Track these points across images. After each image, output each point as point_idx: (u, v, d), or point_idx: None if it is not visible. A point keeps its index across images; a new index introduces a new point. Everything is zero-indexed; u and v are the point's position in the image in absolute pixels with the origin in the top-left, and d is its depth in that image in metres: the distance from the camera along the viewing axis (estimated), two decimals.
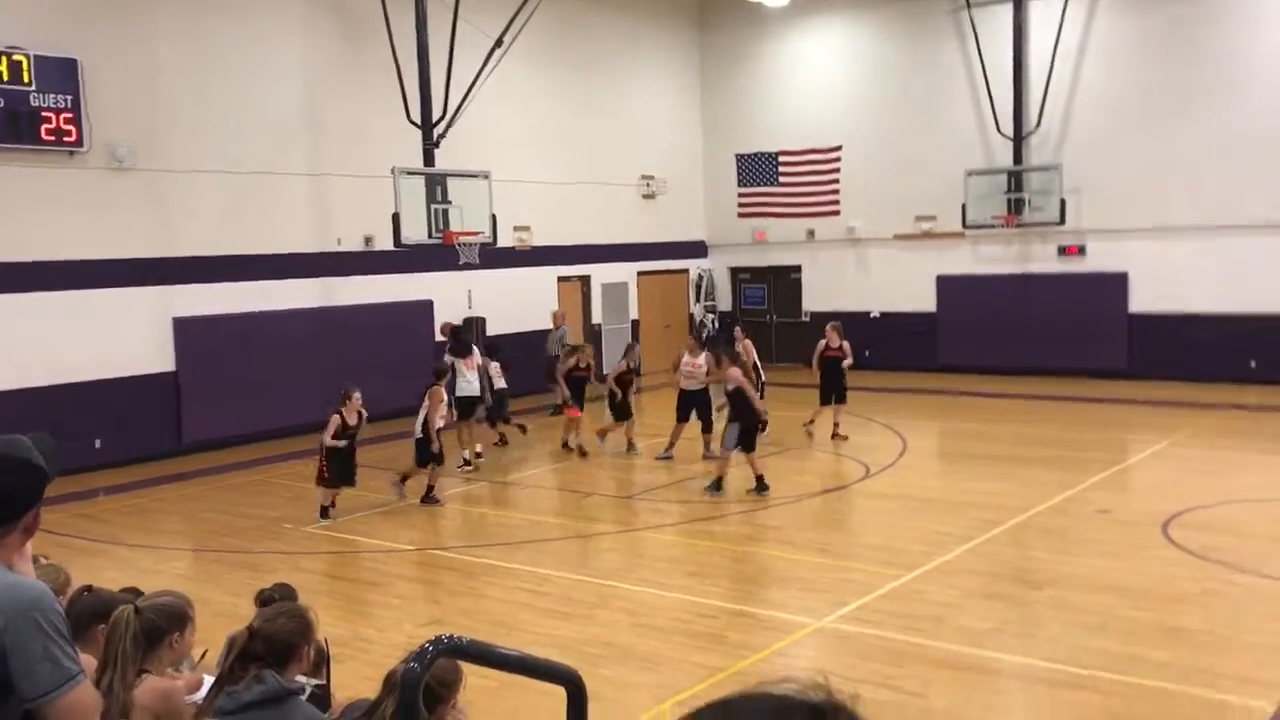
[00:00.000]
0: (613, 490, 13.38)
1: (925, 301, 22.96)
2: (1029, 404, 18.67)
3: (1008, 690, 7.21)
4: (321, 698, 4.27)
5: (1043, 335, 21.35)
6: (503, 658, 2.32)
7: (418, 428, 12.50)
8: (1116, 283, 20.85)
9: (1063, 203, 20.80)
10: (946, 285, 22.72)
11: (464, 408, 14.63)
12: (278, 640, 3.61)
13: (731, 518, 11.70)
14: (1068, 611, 8.50)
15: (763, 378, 15.37)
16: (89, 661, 3.37)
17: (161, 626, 3.89)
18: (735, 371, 12.41)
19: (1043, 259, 21.74)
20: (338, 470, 11.86)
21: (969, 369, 21.71)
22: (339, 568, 10.28)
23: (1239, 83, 19.35)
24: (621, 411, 15.27)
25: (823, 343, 15.86)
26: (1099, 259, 21.05)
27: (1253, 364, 19.39)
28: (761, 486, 12.24)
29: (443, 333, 15.24)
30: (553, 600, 9.20)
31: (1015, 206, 21.32)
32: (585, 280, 23.01)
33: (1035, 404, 18.62)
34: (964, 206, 21.64)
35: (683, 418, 14.55)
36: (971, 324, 22.14)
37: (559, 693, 3.69)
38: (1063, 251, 21.44)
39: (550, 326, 20.05)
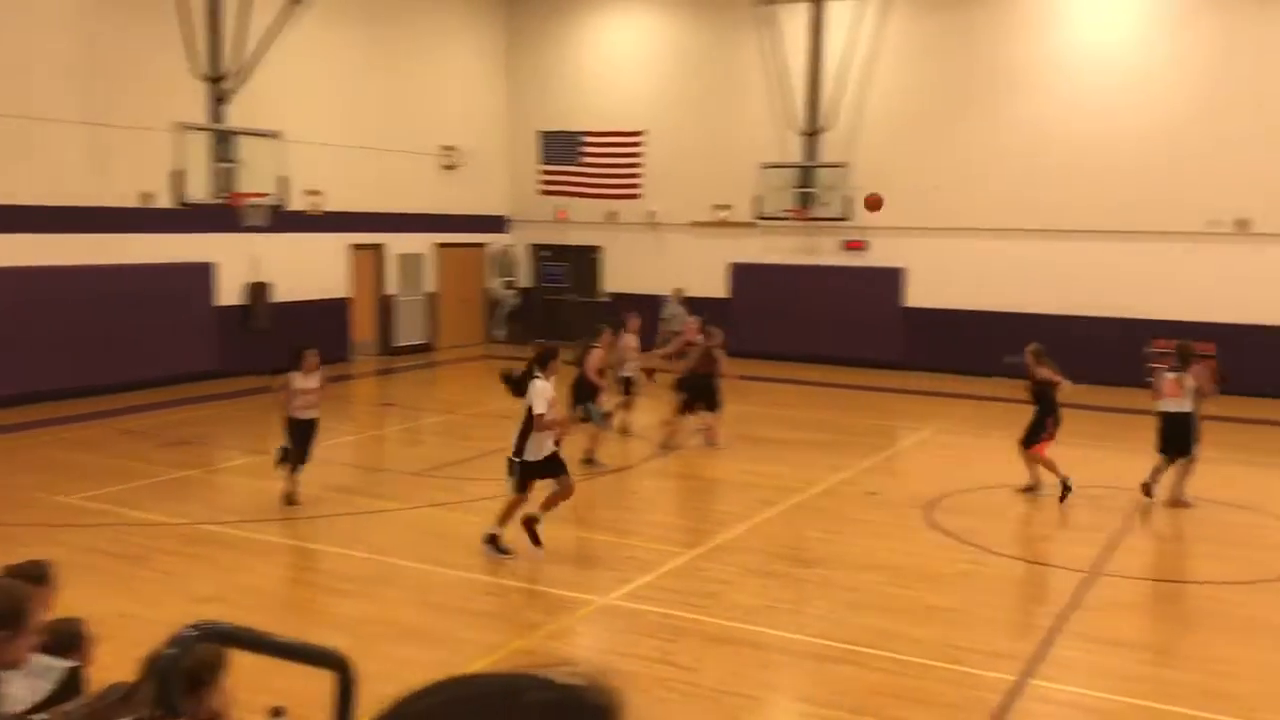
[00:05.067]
0: (404, 466, 13.17)
1: (719, 287, 23.58)
2: (810, 390, 19.48)
3: (776, 664, 7.53)
4: (74, 680, 4.06)
5: (825, 325, 22.31)
6: (265, 643, 2.25)
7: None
8: (894, 278, 21.99)
9: (849, 199, 21.75)
10: (739, 272, 23.40)
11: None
12: None
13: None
14: (834, 589, 8.95)
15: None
16: None
17: None
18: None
19: (829, 252, 22.67)
20: None
21: (757, 354, 22.45)
22: (102, 541, 9.72)
23: (1016, 90, 20.70)
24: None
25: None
26: (880, 255, 22.12)
27: (1013, 359, 20.80)
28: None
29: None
30: (335, 578, 9.00)
31: (805, 200, 22.14)
32: (379, 249, 22.49)
33: (816, 390, 19.44)
34: (758, 198, 22.33)
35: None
36: (761, 311, 22.88)
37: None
38: (846, 246, 22.43)
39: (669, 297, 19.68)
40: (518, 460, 9.35)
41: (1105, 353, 20.09)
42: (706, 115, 23.33)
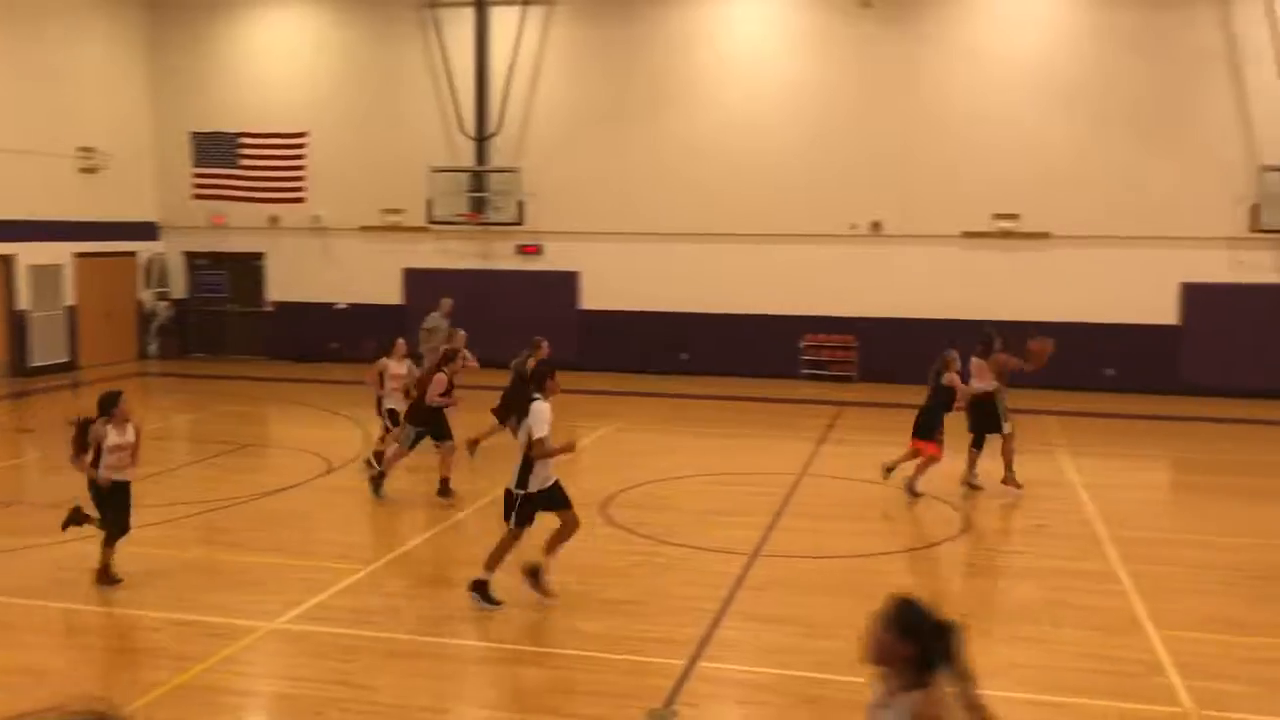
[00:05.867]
0: (44, 497, 11.96)
1: (393, 294, 23.11)
2: (488, 394, 19.44)
3: (458, 674, 7.46)
4: None
5: (503, 328, 22.35)
6: None
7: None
8: (569, 281, 22.42)
9: (521, 204, 21.97)
10: (413, 278, 23.03)
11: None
12: None
13: (178, 523, 10.96)
14: (516, 592, 8.98)
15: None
16: None
17: None
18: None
19: (504, 256, 22.79)
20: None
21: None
22: None
23: (675, 100, 21.65)
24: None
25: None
26: (554, 258, 22.49)
27: (684, 356, 21.78)
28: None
29: None
30: None
31: (478, 205, 22.14)
32: (8, 261, 20.36)
33: (493, 394, 19.43)
34: (429, 202, 22.09)
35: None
36: None
37: None
38: (521, 250, 22.64)
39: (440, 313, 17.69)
40: (521, 493, 8.37)
41: (764, 348, 21.47)
42: (373, 117, 22.82)
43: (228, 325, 24.10)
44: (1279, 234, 19.34)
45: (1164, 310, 20.04)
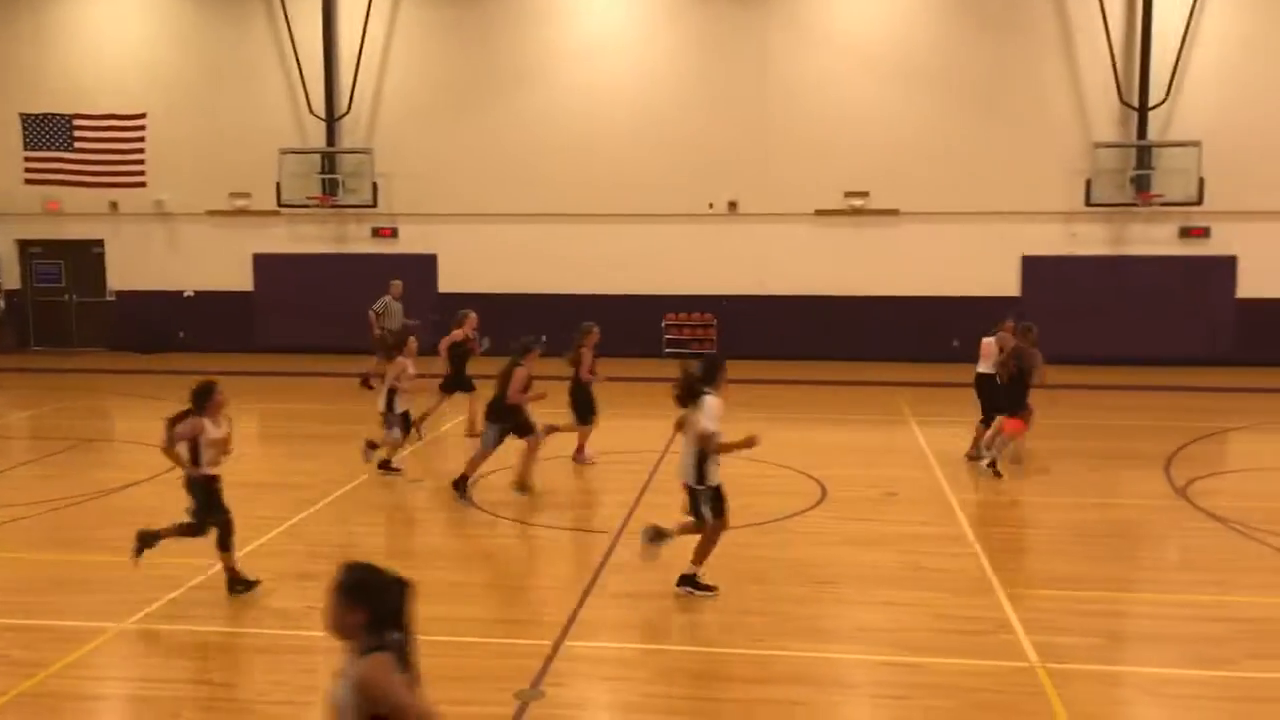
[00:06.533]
0: None
1: (243, 280, 22.41)
2: (345, 381, 19.11)
3: (321, 667, 7.27)
4: None
5: (357, 315, 21.95)
6: None
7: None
8: (427, 264, 22.09)
9: (375, 186, 21.52)
10: (263, 264, 22.37)
11: None
12: None
13: (16, 524, 10.43)
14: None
15: None
16: None
17: None
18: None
19: (359, 240, 22.32)
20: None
21: (288, 349, 21.66)
22: None
23: (529, 80, 21.52)
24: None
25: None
26: (410, 241, 22.13)
27: (543, 339, 21.67)
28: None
29: None
30: None
31: (330, 187, 21.60)
32: None
33: (351, 381, 19.09)
34: (278, 185, 21.46)
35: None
36: (290, 304, 22.06)
37: None
38: (376, 233, 22.20)
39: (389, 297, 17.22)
40: (703, 488, 8.19)
41: (626, 328, 21.55)
42: (217, 97, 22.03)
43: (67, 316, 23.03)
44: (1110, 208, 20.38)
45: (1007, 283, 20.90)
